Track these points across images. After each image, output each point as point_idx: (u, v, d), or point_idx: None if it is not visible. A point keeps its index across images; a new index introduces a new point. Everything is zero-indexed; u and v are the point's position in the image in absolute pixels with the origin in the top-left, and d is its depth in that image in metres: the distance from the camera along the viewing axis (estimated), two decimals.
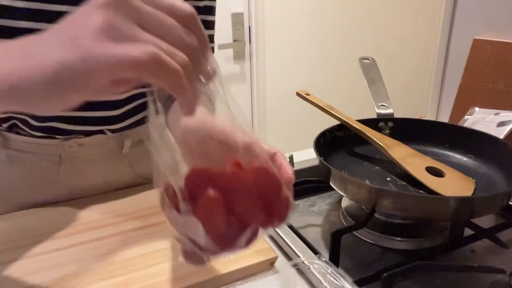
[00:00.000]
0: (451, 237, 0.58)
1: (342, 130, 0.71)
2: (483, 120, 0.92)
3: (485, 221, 0.62)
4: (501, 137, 0.83)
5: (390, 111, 0.74)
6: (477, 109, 0.97)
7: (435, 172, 0.61)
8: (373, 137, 0.66)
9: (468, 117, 0.96)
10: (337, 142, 0.70)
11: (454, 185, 0.59)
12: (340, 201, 0.69)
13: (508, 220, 0.62)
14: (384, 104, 0.74)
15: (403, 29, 2.10)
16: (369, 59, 0.80)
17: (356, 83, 1.98)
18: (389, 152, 0.63)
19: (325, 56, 2.00)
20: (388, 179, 0.64)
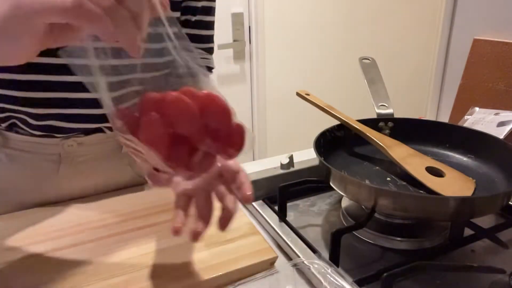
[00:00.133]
0: (451, 237, 0.58)
1: (342, 130, 0.71)
2: (483, 120, 0.92)
3: (485, 221, 0.62)
4: (501, 137, 0.83)
5: (390, 111, 0.74)
6: (477, 109, 0.97)
7: (435, 172, 0.61)
8: (373, 137, 0.66)
9: (468, 117, 0.96)
10: (337, 142, 0.70)
11: (454, 185, 0.59)
12: (340, 201, 0.69)
13: (508, 220, 0.63)
14: (384, 104, 0.74)
15: (403, 29, 2.10)
16: (369, 59, 0.80)
17: (356, 83, 1.98)
18: (389, 152, 0.63)
19: (325, 56, 2.00)
20: (388, 179, 0.64)
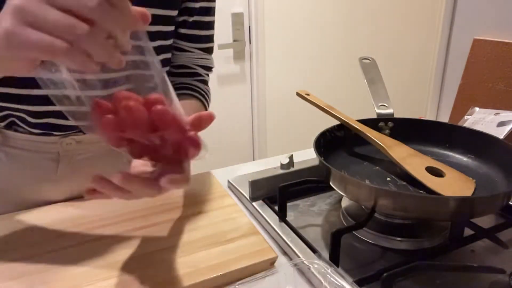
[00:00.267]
0: (451, 237, 0.58)
1: (342, 130, 0.71)
2: (483, 120, 0.92)
3: (485, 221, 0.62)
4: (501, 137, 0.83)
5: (390, 111, 0.74)
6: (477, 109, 0.97)
7: (435, 172, 0.61)
8: (373, 137, 0.66)
9: (468, 117, 0.96)
10: (337, 142, 0.70)
11: (454, 185, 0.59)
12: (340, 201, 0.69)
13: (508, 220, 0.63)
14: (384, 104, 0.74)
15: (403, 29, 2.10)
16: (369, 59, 0.80)
17: (356, 83, 1.98)
18: (389, 152, 0.63)
19: (325, 56, 2.00)
20: (388, 179, 0.64)
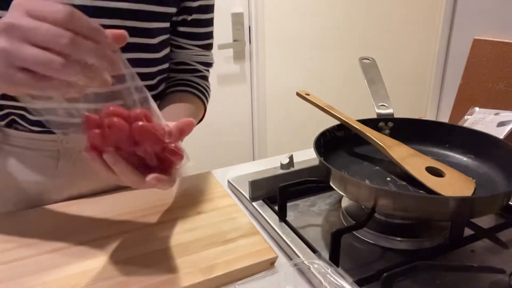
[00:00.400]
0: (451, 237, 0.58)
1: (342, 130, 0.71)
2: (483, 120, 0.92)
3: (485, 221, 0.62)
4: (501, 137, 0.83)
5: (390, 111, 0.74)
6: (477, 109, 0.97)
7: (435, 172, 0.61)
8: (373, 137, 0.66)
9: (468, 117, 0.96)
10: (337, 142, 0.70)
11: (454, 185, 0.59)
12: (340, 201, 0.69)
13: (508, 220, 0.63)
14: (384, 104, 0.74)
15: (403, 29, 2.10)
16: (369, 59, 0.80)
17: (356, 83, 1.98)
18: (389, 152, 0.63)
19: (325, 56, 2.00)
20: (388, 179, 0.64)
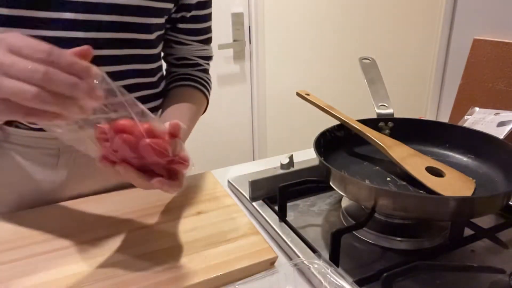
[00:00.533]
0: (451, 237, 0.58)
1: (342, 130, 0.71)
2: (483, 120, 0.92)
3: (485, 221, 0.62)
4: (501, 137, 0.83)
5: (390, 111, 0.74)
6: (477, 109, 0.97)
7: (435, 172, 0.61)
8: (373, 137, 0.66)
9: (468, 117, 0.96)
10: (337, 142, 0.70)
11: (454, 185, 0.59)
12: (340, 201, 0.69)
13: (508, 220, 0.62)
14: (384, 104, 0.74)
15: (403, 29, 2.10)
16: (369, 59, 0.80)
17: (356, 83, 1.98)
18: (389, 152, 0.63)
19: (325, 56, 2.00)
20: (388, 179, 0.64)
